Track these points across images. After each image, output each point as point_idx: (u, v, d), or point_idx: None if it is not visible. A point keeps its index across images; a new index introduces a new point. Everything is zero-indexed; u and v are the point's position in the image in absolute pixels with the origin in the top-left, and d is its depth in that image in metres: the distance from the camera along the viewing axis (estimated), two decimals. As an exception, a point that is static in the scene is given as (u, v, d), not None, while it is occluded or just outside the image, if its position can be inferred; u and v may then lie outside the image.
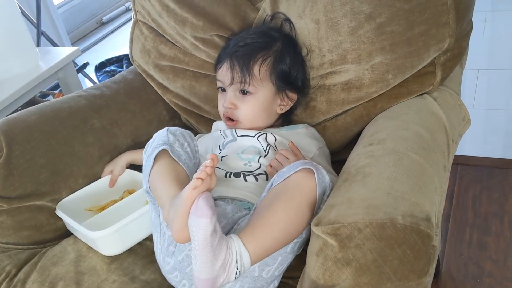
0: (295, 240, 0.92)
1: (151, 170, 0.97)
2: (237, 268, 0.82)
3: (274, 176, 0.94)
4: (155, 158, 0.98)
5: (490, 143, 1.94)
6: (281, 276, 0.98)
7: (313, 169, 0.88)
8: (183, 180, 0.95)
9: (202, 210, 0.77)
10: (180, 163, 0.98)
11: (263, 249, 0.85)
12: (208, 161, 0.83)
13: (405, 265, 0.72)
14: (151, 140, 1.04)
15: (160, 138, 1.02)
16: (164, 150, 0.99)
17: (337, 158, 1.24)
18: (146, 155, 1.01)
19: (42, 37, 2.58)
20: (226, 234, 0.96)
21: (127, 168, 1.29)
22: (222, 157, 1.14)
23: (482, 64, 1.75)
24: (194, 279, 0.82)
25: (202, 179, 0.80)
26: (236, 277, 0.83)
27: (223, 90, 1.19)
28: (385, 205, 0.77)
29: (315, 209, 0.88)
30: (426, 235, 0.74)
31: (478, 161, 1.99)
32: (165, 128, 1.04)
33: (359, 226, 0.75)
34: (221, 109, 1.21)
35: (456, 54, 1.12)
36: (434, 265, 0.77)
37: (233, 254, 0.82)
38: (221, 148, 1.18)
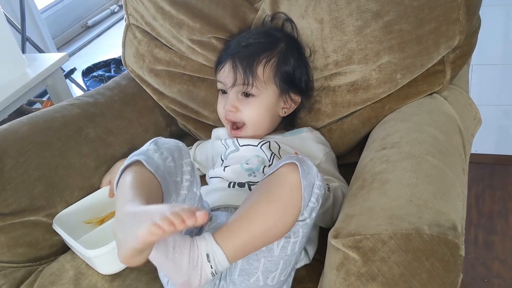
0: (292, 240, 0.85)
1: (118, 180, 0.81)
2: (211, 267, 0.78)
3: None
4: (127, 169, 0.81)
5: (483, 139, 1.93)
6: (291, 281, 0.94)
7: (296, 162, 0.81)
8: (153, 194, 0.79)
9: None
10: (156, 175, 0.80)
11: (240, 245, 0.80)
12: (190, 218, 0.63)
13: (435, 278, 0.68)
14: None
15: (141, 149, 0.85)
16: (139, 162, 0.81)
17: (343, 162, 1.20)
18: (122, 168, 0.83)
19: (27, 43, 2.51)
20: None
21: (126, 177, 1.23)
22: (225, 167, 1.09)
23: (474, 59, 1.75)
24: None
25: (165, 230, 0.63)
26: (213, 274, 0.78)
27: (224, 92, 1.15)
28: (408, 214, 0.73)
29: (302, 203, 0.81)
30: (454, 245, 0.70)
31: (479, 158, 1.96)
32: (153, 139, 0.87)
33: (382, 238, 0.71)
34: (221, 112, 1.16)
35: (466, 52, 1.09)
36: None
37: (201, 252, 0.77)
38: (223, 158, 1.13)
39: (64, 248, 1.15)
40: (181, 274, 0.76)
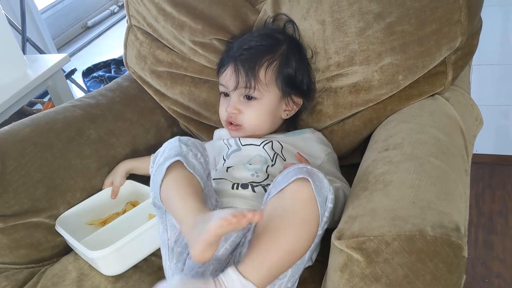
0: None
1: (162, 181, 0.90)
2: None
3: (270, 186, 0.89)
4: (167, 170, 0.90)
5: (482, 139, 1.93)
6: (295, 286, 0.93)
7: (308, 178, 0.82)
8: (199, 193, 0.89)
9: None
10: (195, 175, 0.90)
11: (268, 272, 0.80)
12: (250, 214, 0.74)
13: (439, 280, 0.68)
14: (160, 150, 0.96)
15: (172, 148, 0.93)
16: (177, 162, 0.90)
17: (345, 163, 1.20)
18: (156, 165, 0.93)
19: (27, 44, 2.51)
20: (234, 250, 0.93)
21: (128, 178, 1.24)
22: (228, 167, 1.09)
23: (473, 59, 1.76)
24: None
25: (231, 223, 0.74)
26: None
27: (226, 95, 1.15)
28: (412, 215, 0.73)
29: (319, 219, 0.82)
30: (458, 246, 0.70)
31: (478, 158, 1.96)
32: (176, 138, 0.96)
33: (386, 239, 0.71)
34: (223, 114, 1.16)
35: (467, 53, 1.09)
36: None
37: None
38: (225, 158, 1.13)
39: (67, 250, 1.15)
40: None
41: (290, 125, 1.20)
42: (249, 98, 1.10)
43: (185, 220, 0.83)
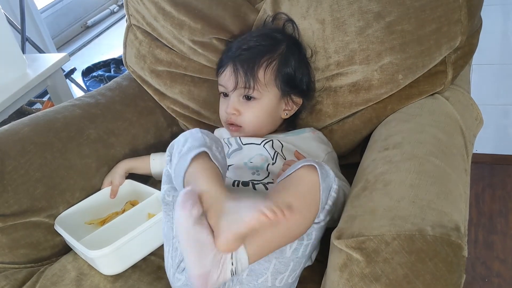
0: (305, 243, 0.87)
1: (187, 169, 0.85)
2: (232, 264, 0.78)
3: (279, 178, 0.90)
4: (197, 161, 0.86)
5: (481, 139, 1.93)
6: (295, 285, 0.93)
7: (315, 165, 0.83)
8: (222, 183, 0.86)
9: (183, 203, 0.74)
10: (219, 167, 0.87)
11: (262, 245, 0.81)
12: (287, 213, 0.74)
13: (439, 279, 0.68)
14: (180, 140, 0.91)
15: (196, 139, 0.89)
16: (201, 153, 0.86)
17: (345, 162, 1.20)
18: (178, 155, 0.88)
19: (27, 43, 2.51)
20: None
21: (128, 178, 1.24)
22: (229, 166, 1.09)
23: (473, 59, 1.76)
24: (188, 277, 0.78)
25: (269, 217, 0.72)
26: (233, 274, 0.78)
27: (226, 95, 1.15)
28: (411, 215, 0.73)
29: (320, 205, 0.83)
30: (458, 246, 0.70)
31: (478, 158, 1.96)
32: (197, 129, 0.92)
33: (386, 239, 0.71)
34: (223, 115, 1.16)
35: (467, 52, 1.09)
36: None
37: None
38: (226, 157, 1.13)
39: (66, 249, 1.15)
40: (203, 264, 0.75)
41: (290, 124, 1.20)
42: (248, 98, 1.10)
43: (212, 207, 0.79)
